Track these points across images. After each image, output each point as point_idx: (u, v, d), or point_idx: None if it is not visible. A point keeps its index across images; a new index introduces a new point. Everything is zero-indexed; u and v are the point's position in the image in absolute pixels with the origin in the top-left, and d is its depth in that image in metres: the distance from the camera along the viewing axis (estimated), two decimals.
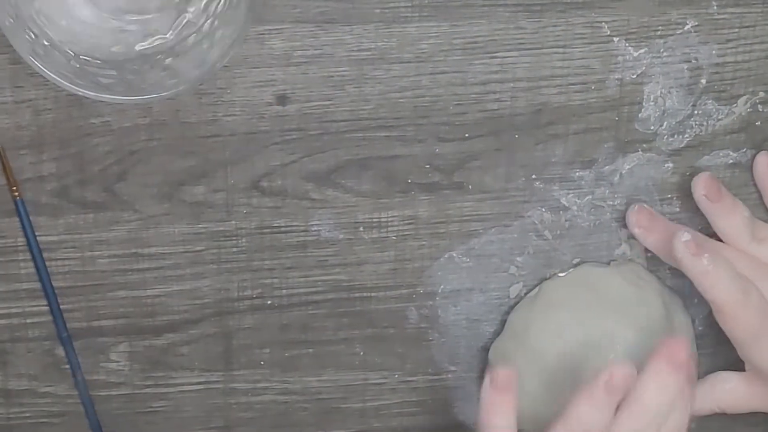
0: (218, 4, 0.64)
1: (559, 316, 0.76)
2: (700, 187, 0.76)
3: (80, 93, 0.60)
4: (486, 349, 0.79)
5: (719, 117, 0.75)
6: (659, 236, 0.76)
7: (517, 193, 0.75)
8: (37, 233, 0.72)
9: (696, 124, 0.75)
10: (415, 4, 0.70)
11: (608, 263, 0.77)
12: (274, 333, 0.76)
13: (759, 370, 0.75)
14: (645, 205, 0.77)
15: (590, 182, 0.76)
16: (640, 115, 0.75)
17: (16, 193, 0.70)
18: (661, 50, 0.73)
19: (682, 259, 0.73)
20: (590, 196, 0.76)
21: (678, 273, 0.78)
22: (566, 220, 0.77)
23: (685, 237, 0.73)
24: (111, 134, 0.70)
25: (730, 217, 0.76)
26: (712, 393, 0.77)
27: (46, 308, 0.74)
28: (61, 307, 0.74)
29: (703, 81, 0.74)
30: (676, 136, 0.76)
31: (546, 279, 0.78)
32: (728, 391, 0.77)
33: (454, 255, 0.76)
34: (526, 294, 0.78)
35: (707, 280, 0.73)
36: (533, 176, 0.75)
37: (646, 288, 0.77)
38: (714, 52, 0.74)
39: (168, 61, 0.62)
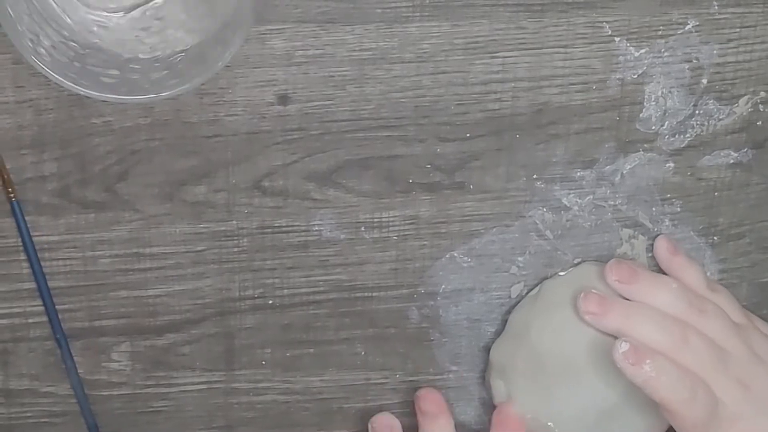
0: (221, 3, 0.63)
1: (559, 315, 0.76)
2: (610, 273, 0.75)
3: (82, 93, 0.60)
4: (487, 349, 0.79)
5: (720, 117, 0.75)
6: (614, 315, 0.74)
7: (518, 193, 0.75)
8: (38, 233, 0.72)
9: (697, 124, 0.75)
10: (416, 4, 0.70)
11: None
12: (275, 333, 0.76)
13: None
14: (593, 291, 0.74)
15: (591, 182, 0.76)
16: (641, 115, 0.75)
17: (12, 195, 0.71)
18: (662, 50, 0.73)
19: (623, 369, 0.71)
20: (591, 196, 0.76)
21: None
22: (567, 220, 0.77)
23: (623, 347, 0.71)
24: (112, 134, 0.70)
25: (657, 295, 0.74)
26: None
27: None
28: (62, 306, 0.74)
29: (704, 81, 0.74)
30: (677, 136, 0.76)
31: (547, 278, 0.78)
32: None
33: (456, 255, 0.76)
34: (527, 294, 0.78)
35: (650, 386, 0.71)
36: (534, 176, 0.75)
37: None
38: (715, 51, 0.74)
39: (170, 60, 0.62)
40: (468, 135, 0.74)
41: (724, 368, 0.73)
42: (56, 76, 0.59)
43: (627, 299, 0.75)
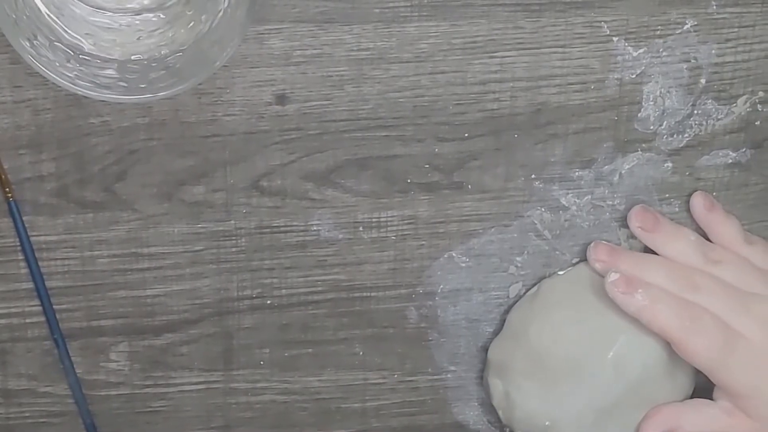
0: (218, 3, 0.63)
1: (558, 314, 0.76)
2: (634, 220, 0.75)
3: (80, 92, 0.60)
4: (485, 349, 0.79)
5: (719, 117, 0.75)
6: (624, 264, 0.74)
7: (516, 192, 0.75)
8: (36, 233, 0.72)
9: (695, 124, 0.75)
10: (414, 4, 0.70)
11: None
12: (273, 333, 0.76)
13: (732, 394, 0.73)
14: (603, 241, 0.76)
15: (590, 182, 0.76)
16: (639, 114, 0.75)
17: (10, 195, 0.71)
18: (661, 50, 0.73)
19: (614, 299, 0.72)
20: (590, 196, 0.76)
21: None
22: (566, 220, 0.77)
23: (612, 277, 0.72)
24: (110, 134, 0.70)
25: (674, 243, 0.75)
26: (697, 419, 0.75)
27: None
28: (60, 306, 0.74)
29: (703, 81, 0.74)
30: (675, 136, 0.76)
31: (545, 278, 0.77)
32: (711, 419, 0.74)
33: (454, 255, 0.76)
34: (525, 293, 0.78)
35: (646, 315, 0.72)
36: (533, 176, 0.75)
37: None
38: (713, 51, 0.74)
39: (168, 60, 0.62)
40: (466, 135, 0.73)
41: (745, 309, 0.72)
42: (54, 76, 0.59)
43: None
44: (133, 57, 0.62)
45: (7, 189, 0.70)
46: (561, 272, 0.78)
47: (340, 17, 0.70)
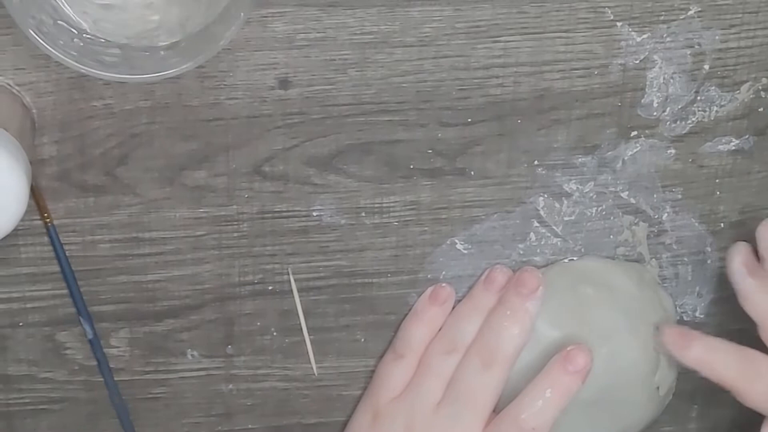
0: None
1: (556, 302, 0.75)
2: (738, 257, 0.74)
3: (84, 71, 0.59)
4: None
5: (722, 103, 0.75)
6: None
7: (519, 179, 0.75)
8: (37, 217, 0.71)
9: (699, 110, 0.75)
10: None
11: (612, 257, 0.77)
12: (275, 319, 0.76)
13: None
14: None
15: (593, 168, 0.76)
16: (642, 100, 0.74)
17: (48, 220, 0.71)
18: (665, 35, 0.73)
19: (673, 354, 0.74)
20: (593, 183, 0.76)
21: (680, 262, 0.78)
22: (568, 207, 0.76)
23: (666, 332, 0.74)
24: (112, 117, 0.70)
25: None
26: None
27: (47, 293, 0.73)
28: (60, 291, 0.73)
29: (706, 67, 0.74)
30: (678, 122, 0.75)
31: (546, 265, 0.77)
32: None
33: (456, 241, 0.76)
34: None
35: (703, 366, 0.73)
36: (535, 162, 0.75)
37: (645, 290, 0.77)
38: (717, 37, 0.73)
39: (172, 40, 0.62)
40: (469, 120, 0.73)
41: None
42: (57, 54, 0.59)
43: None
44: (136, 36, 0.62)
45: (46, 214, 0.71)
46: (566, 261, 0.77)
47: (343, 1, 0.69)
